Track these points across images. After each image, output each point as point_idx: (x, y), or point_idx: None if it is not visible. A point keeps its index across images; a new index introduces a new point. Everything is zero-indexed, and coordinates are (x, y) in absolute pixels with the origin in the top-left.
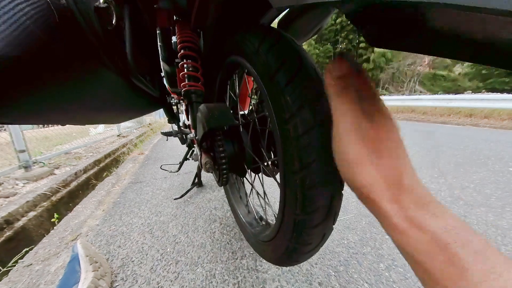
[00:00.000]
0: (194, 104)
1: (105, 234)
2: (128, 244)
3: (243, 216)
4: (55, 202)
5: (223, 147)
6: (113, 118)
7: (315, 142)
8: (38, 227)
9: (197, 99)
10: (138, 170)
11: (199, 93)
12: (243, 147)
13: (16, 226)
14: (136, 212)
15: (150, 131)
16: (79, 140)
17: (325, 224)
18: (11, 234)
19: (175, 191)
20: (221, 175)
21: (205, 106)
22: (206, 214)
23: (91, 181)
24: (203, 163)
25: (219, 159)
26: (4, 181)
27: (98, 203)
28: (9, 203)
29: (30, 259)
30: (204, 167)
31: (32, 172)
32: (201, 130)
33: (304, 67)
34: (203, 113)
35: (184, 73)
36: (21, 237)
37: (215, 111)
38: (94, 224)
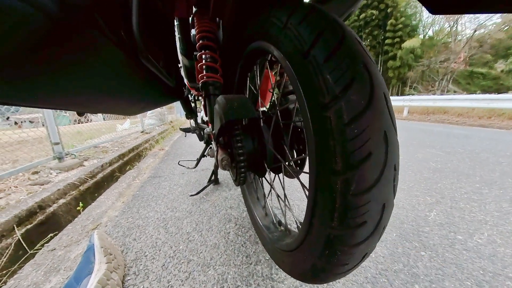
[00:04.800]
0: (212, 97)
1: (122, 226)
2: (143, 237)
3: (260, 218)
4: (83, 191)
5: (241, 143)
6: (125, 108)
7: (368, 132)
8: (66, 213)
9: (215, 92)
10: (158, 165)
11: (217, 85)
12: (263, 143)
13: (47, 212)
14: (153, 206)
15: (171, 128)
16: (107, 135)
17: (370, 242)
18: (43, 219)
19: (191, 187)
20: (239, 173)
21: (223, 97)
22: (221, 213)
23: (115, 174)
24: (220, 159)
25: (237, 156)
26: (41, 170)
27: (119, 195)
28: (43, 190)
29: (54, 244)
30: (220, 164)
31: (64, 163)
32: (218, 124)
33: (346, 37)
34: (221, 105)
35: (202, 63)
36: (51, 222)
37: (234, 102)
38: (113, 215)
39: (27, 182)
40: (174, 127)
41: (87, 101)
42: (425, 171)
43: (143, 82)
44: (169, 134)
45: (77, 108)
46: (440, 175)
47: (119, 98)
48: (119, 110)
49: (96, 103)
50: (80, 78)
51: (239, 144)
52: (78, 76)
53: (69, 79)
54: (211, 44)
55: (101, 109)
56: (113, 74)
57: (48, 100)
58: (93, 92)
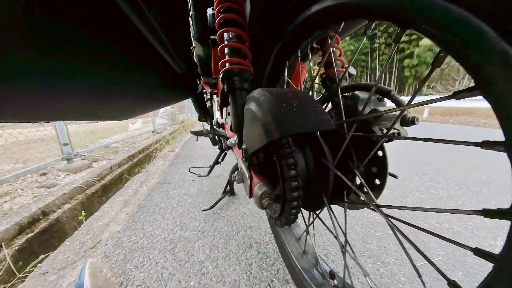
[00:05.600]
0: (238, 92)
1: (124, 247)
2: (146, 265)
3: (296, 256)
4: (89, 195)
5: (295, 168)
6: (127, 107)
7: None
8: (71, 219)
9: (242, 84)
10: (167, 168)
11: (247, 75)
12: (325, 166)
13: (51, 218)
14: (160, 221)
15: (182, 128)
16: (119, 135)
17: None
18: (45, 226)
19: (203, 198)
20: (289, 214)
21: (269, 93)
22: (240, 235)
23: (124, 176)
24: (257, 194)
25: (289, 190)
26: (49, 171)
27: (124, 204)
28: (48, 194)
29: (48, 264)
30: (258, 200)
31: (73, 165)
32: (259, 137)
33: None
34: (266, 106)
35: (225, 45)
36: (55, 229)
37: (293, 102)
38: (115, 230)
39: (34, 185)
40: (185, 127)
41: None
42: (471, 183)
43: (142, 65)
44: (180, 134)
45: (72, 116)
46: (489, 189)
47: (119, 94)
48: (120, 111)
49: (89, 105)
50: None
51: (292, 170)
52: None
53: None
54: (237, 18)
55: (84, 115)
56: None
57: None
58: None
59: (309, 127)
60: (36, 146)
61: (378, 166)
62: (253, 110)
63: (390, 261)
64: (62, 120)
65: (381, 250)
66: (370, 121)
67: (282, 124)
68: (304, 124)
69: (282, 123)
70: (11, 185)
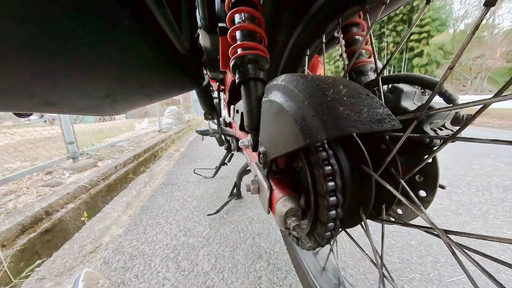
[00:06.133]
0: (253, 83)
1: (124, 252)
2: (147, 274)
3: (313, 273)
4: (94, 195)
5: (334, 178)
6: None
7: None
8: (75, 219)
9: (258, 74)
10: (172, 169)
11: (263, 63)
12: (366, 175)
13: (54, 218)
14: (163, 225)
15: (187, 128)
16: (125, 134)
17: None
18: (48, 226)
19: (208, 200)
20: (322, 238)
21: (303, 78)
22: (248, 243)
23: (129, 175)
24: (281, 211)
25: (326, 207)
26: (55, 170)
27: (126, 205)
28: (53, 193)
29: (46, 268)
30: (281, 220)
31: (78, 163)
32: (289, 137)
33: None
34: (302, 95)
35: (237, 27)
36: (58, 229)
37: (343, 89)
38: (116, 234)
39: (40, 183)
40: (190, 127)
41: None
42: (494, 189)
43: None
44: (186, 133)
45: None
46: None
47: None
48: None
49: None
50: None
51: (330, 182)
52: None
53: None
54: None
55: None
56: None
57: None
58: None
59: (371, 125)
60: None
61: (425, 174)
62: (278, 103)
63: (414, 276)
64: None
65: (404, 264)
66: (422, 120)
67: (331, 120)
68: (364, 121)
69: (331, 119)
70: (17, 184)
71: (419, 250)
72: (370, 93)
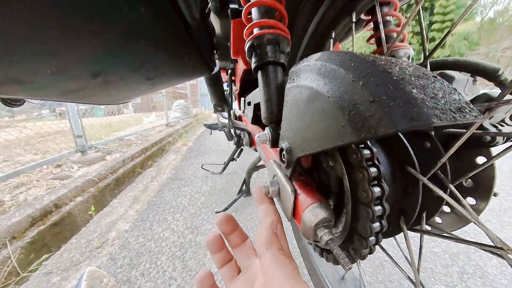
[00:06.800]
0: (272, 68)
1: (130, 249)
2: (153, 273)
3: (331, 282)
4: (102, 188)
5: (380, 183)
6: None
7: None
8: (83, 213)
9: (279, 57)
10: (179, 163)
11: (284, 45)
12: (413, 178)
13: (62, 211)
14: (170, 221)
15: (195, 122)
16: (133, 127)
17: None
18: (57, 219)
19: (216, 197)
20: (359, 254)
21: (348, 55)
22: None
23: (136, 169)
24: (310, 221)
25: (370, 219)
26: (64, 163)
27: (133, 200)
28: (62, 186)
29: (53, 262)
30: (309, 230)
31: (87, 157)
32: (329, 131)
33: None
34: (351, 75)
35: (253, 3)
36: (66, 222)
37: (407, 68)
38: (123, 229)
39: (49, 176)
40: (198, 121)
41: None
42: None
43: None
44: (193, 128)
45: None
46: None
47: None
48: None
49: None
50: None
51: (376, 187)
52: None
53: None
54: None
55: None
56: None
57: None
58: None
59: (453, 115)
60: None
61: (477, 179)
62: (312, 87)
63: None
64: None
65: (426, 273)
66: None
67: (402, 106)
68: (444, 109)
69: (401, 105)
70: (28, 176)
71: (444, 258)
72: (437, 76)
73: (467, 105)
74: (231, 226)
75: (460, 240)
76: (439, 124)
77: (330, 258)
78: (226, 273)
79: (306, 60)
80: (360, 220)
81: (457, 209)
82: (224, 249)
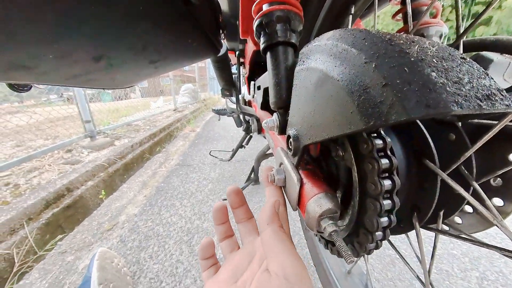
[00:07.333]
0: (282, 49)
1: (139, 232)
2: (161, 255)
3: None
4: (111, 173)
5: (391, 176)
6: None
7: None
8: (94, 197)
9: (289, 37)
10: (187, 149)
11: (296, 22)
12: (431, 173)
13: (74, 195)
14: (178, 207)
15: (203, 107)
16: (141, 112)
17: None
18: (70, 202)
19: (224, 184)
20: (364, 249)
21: (362, 32)
22: None
23: (145, 155)
24: (314, 212)
25: (377, 213)
26: (74, 148)
27: (142, 185)
28: (73, 171)
29: (67, 243)
30: (312, 221)
31: (96, 142)
32: (338, 118)
33: None
34: (357, 59)
35: None
36: (79, 205)
37: (429, 47)
38: (132, 213)
39: (60, 161)
40: (206, 106)
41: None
42: None
43: None
44: (202, 113)
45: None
46: None
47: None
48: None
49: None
50: None
51: (387, 180)
52: None
53: None
54: None
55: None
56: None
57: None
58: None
59: (478, 102)
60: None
61: (508, 178)
62: (322, 70)
63: None
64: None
65: (441, 275)
66: None
67: (418, 91)
68: (468, 95)
69: (417, 90)
70: (40, 161)
71: (463, 262)
72: (466, 57)
73: (498, 92)
74: (239, 199)
75: (480, 243)
76: (459, 113)
77: (334, 251)
78: (226, 246)
79: (317, 39)
80: (367, 213)
81: (479, 209)
82: (227, 224)
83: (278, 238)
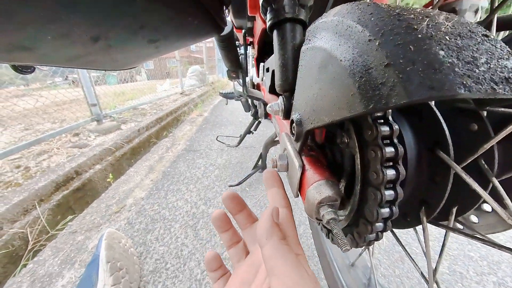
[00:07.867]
0: (289, 26)
1: (146, 215)
2: (167, 238)
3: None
4: (118, 157)
5: (395, 165)
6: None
7: None
8: (102, 180)
9: (298, 13)
10: (194, 134)
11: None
12: (444, 165)
13: (83, 178)
14: (184, 191)
15: (211, 91)
16: (147, 96)
17: None
18: (79, 185)
19: (231, 171)
20: (363, 239)
21: (371, 6)
22: None
23: (151, 139)
24: (314, 198)
25: (378, 203)
26: (81, 132)
27: (149, 169)
28: (81, 154)
29: (77, 223)
30: (311, 207)
31: (102, 126)
32: (340, 100)
33: None
34: (361, 37)
35: None
36: (88, 188)
37: (445, 22)
38: (139, 197)
39: (68, 144)
40: (214, 89)
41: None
42: None
43: None
44: (210, 97)
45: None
46: None
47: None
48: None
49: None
50: None
51: (390, 169)
52: None
53: None
54: None
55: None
56: None
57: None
58: None
59: (492, 86)
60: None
61: None
62: (325, 49)
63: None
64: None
65: (454, 276)
66: None
67: (420, 72)
68: (480, 78)
69: (419, 70)
70: (48, 144)
71: (480, 265)
72: (489, 34)
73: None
74: (237, 204)
75: (493, 243)
76: (467, 97)
77: (336, 243)
78: (234, 255)
79: (325, 15)
80: (368, 203)
81: (496, 208)
82: (232, 230)
83: (279, 255)
